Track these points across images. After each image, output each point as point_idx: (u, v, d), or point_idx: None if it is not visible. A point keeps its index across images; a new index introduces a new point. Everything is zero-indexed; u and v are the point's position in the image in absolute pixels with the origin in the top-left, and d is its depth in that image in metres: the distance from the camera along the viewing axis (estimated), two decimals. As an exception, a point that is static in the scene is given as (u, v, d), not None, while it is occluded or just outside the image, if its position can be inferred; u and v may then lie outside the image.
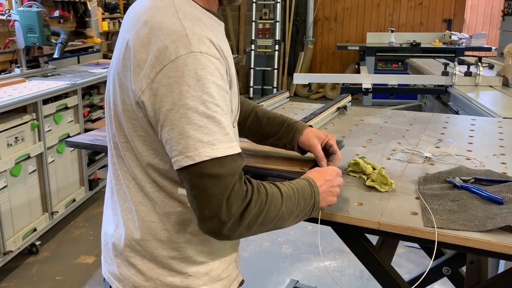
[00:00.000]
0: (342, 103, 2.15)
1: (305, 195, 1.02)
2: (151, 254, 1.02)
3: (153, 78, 0.87)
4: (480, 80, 3.19)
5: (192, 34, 0.89)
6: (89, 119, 3.64)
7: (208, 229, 0.89)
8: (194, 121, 0.85)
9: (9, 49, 3.59)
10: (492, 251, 1.00)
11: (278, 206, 0.95)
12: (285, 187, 0.99)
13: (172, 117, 0.86)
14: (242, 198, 0.88)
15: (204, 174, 0.85)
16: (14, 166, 2.73)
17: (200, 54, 0.87)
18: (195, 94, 0.86)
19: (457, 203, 1.15)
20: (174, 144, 0.87)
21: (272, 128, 1.28)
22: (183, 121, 0.86)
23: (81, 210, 3.62)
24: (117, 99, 0.97)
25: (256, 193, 0.91)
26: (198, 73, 0.86)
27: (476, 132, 1.85)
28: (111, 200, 1.09)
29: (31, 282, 2.74)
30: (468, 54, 6.34)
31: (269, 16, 7.67)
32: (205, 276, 1.05)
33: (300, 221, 1.05)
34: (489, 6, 8.02)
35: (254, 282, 2.75)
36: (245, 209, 0.88)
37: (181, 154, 0.86)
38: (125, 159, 1.00)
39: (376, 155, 1.56)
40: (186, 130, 0.85)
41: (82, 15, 4.56)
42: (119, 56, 0.96)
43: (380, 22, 7.82)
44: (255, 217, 0.90)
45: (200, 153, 0.85)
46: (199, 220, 0.89)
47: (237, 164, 0.89)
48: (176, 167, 0.88)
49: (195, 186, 0.86)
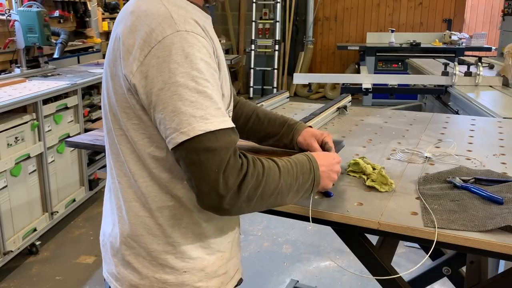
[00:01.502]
0: (342, 103, 2.15)
1: (303, 169, 1.02)
2: (146, 250, 1.03)
3: (142, 61, 0.89)
4: (480, 80, 3.19)
5: (177, 16, 0.91)
6: (89, 119, 3.64)
7: (207, 205, 0.89)
8: (186, 97, 0.86)
9: (9, 49, 3.59)
10: (492, 251, 1.00)
11: (276, 179, 0.94)
12: (283, 161, 0.99)
13: (163, 96, 0.87)
14: (237, 170, 0.88)
15: (199, 148, 0.86)
16: (14, 166, 2.73)
17: (186, 32, 0.89)
18: (184, 71, 0.87)
19: (457, 203, 1.15)
20: (168, 123, 0.87)
21: (273, 129, 1.29)
22: (174, 99, 0.86)
23: (81, 210, 3.62)
24: (110, 91, 0.98)
25: (252, 165, 0.91)
26: (186, 50, 0.88)
27: (476, 132, 1.85)
28: (109, 200, 1.10)
29: (31, 282, 2.74)
30: (468, 54, 6.33)
31: (269, 16, 7.66)
32: (200, 272, 1.05)
33: (302, 197, 1.04)
34: (489, 6, 8.02)
35: (254, 282, 2.75)
36: (242, 181, 0.88)
37: (175, 131, 0.87)
38: (121, 153, 1.00)
39: (376, 155, 1.56)
40: (178, 107, 0.86)
41: (82, 15, 4.56)
42: (110, 50, 0.98)
43: (380, 22, 7.82)
44: (253, 190, 0.90)
45: (194, 128, 0.86)
46: (198, 197, 0.89)
47: (231, 138, 0.90)
48: (172, 145, 0.88)
49: (191, 162, 0.87)
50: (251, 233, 3.30)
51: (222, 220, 1.08)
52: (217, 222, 1.07)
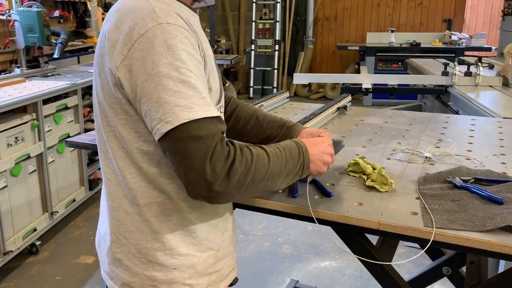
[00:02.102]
0: (342, 103, 2.15)
1: (292, 153, 1.02)
2: (135, 247, 1.03)
3: (126, 54, 0.90)
4: (480, 80, 3.19)
5: (159, 9, 0.92)
6: (89, 119, 3.63)
7: (196, 193, 0.89)
8: (169, 87, 0.87)
9: (9, 49, 3.59)
10: (492, 251, 0.99)
11: (265, 165, 0.95)
12: (271, 148, 1.00)
13: (147, 88, 0.88)
14: (224, 158, 0.89)
15: (184, 137, 0.87)
16: (14, 166, 2.73)
17: (168, 24, 0.90)
18: (166, 61, 0.88)
19: (457, 203, 1.15)
20: (153, 113, 0.88)
21: (272, 131, 1.30)
22: (158, 89, 0.87)
23: (81, 210, 3.62)
24: (98, 88, 1.00)
25: (239, 152, 0.91)
26: (168, 41, 0.89)
27: (476, 132, 1.85)
28: (104, 200, 1.10)
29: (31, 282, 2.74)
30: (468, 54, 6.33)
31: (269, 16, 7.67)
32: (190, 269, 1.04)
33: (293, 181, 1.06)
34: (489, 6, 8.02)
35: (254, 282, 2.75)
36: (230, 168, 0.89)
37: (160, 121, 0.87)
38: (109, 150, 1.01)
39: (376, 155, 1.56)
40: (162, 97, 0.87)
41: (82, 15, 4.56)
42: (98, 48, 1.00)
43: (380, 22, 7.82)
44: (243, 176, 0.91)
45: (178, 117, 0.86)
46: (187, 186, 0.89)
47: (216, 128, 0.90)
48: (158, 136, 0.89)
49: (178, 151, 0.87)
50: (251, 233, 3.30)
51: (215, 217, 1.08)
52: (210, 219, 1.07)
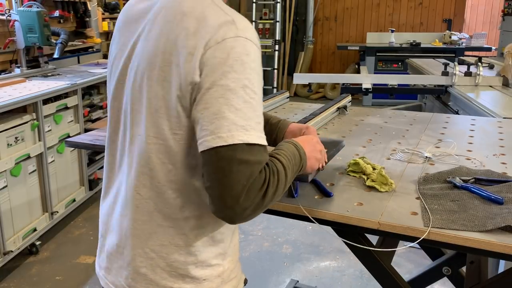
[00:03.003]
0: (342, 103, 2.15)
1: (296, 160, 1.02)
2: (166, 260, 0.99)
3: (200, 59, 0.87)
4: (480, 80, 3.19)
5: (238, 22, 0.90)
6: (89, 119, 3.63)
7: (225, 215, 0.87)
8: (232, 103, 0.85)
9: (9, 49, 3.59)
10: (492, 251, 1.00)
11: (283, 181, 0.94)
12: (283, 158, 0.97)
13: (209, 96, 0.85)
14: (260, 186, 0.86)
15: (233, 157, 0.83)
16: (14, 166, 2.73)
17: (245, 39, 0.88)
18: (237, 77, 0.86)
19: (457, 203, 1.15)
20: (206, 124, 0.85)
21: None
22: (220, 101, 0.85)
23: (81, 210, 3.62)
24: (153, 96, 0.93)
25: (272, 177, 0.89)
26: (243, 57, 0.87)
27: (476, 132, 1.85)
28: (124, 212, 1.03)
29: (31, 282, 2.74)
30: (468, 54, 6.34)
31: (269, 16, 7.66)
32: (217, 278, 1.03)
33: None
34: (489, 6, 8.02)
35: (254, 282, 2.75)
36: (264, 195, 0.87)
37: (212, 134, 0.84)
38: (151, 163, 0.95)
39: (376, 155, 1.56)
40: (222, 111, 0.84)
41: (82, 15, 4.56)
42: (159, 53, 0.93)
43: (380, 22, 7.82)
44: (270, 200, 0.90)
45: (233, 136, 0.84)
46: (217, 207, 0.86)
47: (263, 157, 0.88)
48: (203, 147, 0.85)
49: (221, 169, 0.84)
50: (251, 233, 3.30)
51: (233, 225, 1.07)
52: (233, 227, 1.07)
